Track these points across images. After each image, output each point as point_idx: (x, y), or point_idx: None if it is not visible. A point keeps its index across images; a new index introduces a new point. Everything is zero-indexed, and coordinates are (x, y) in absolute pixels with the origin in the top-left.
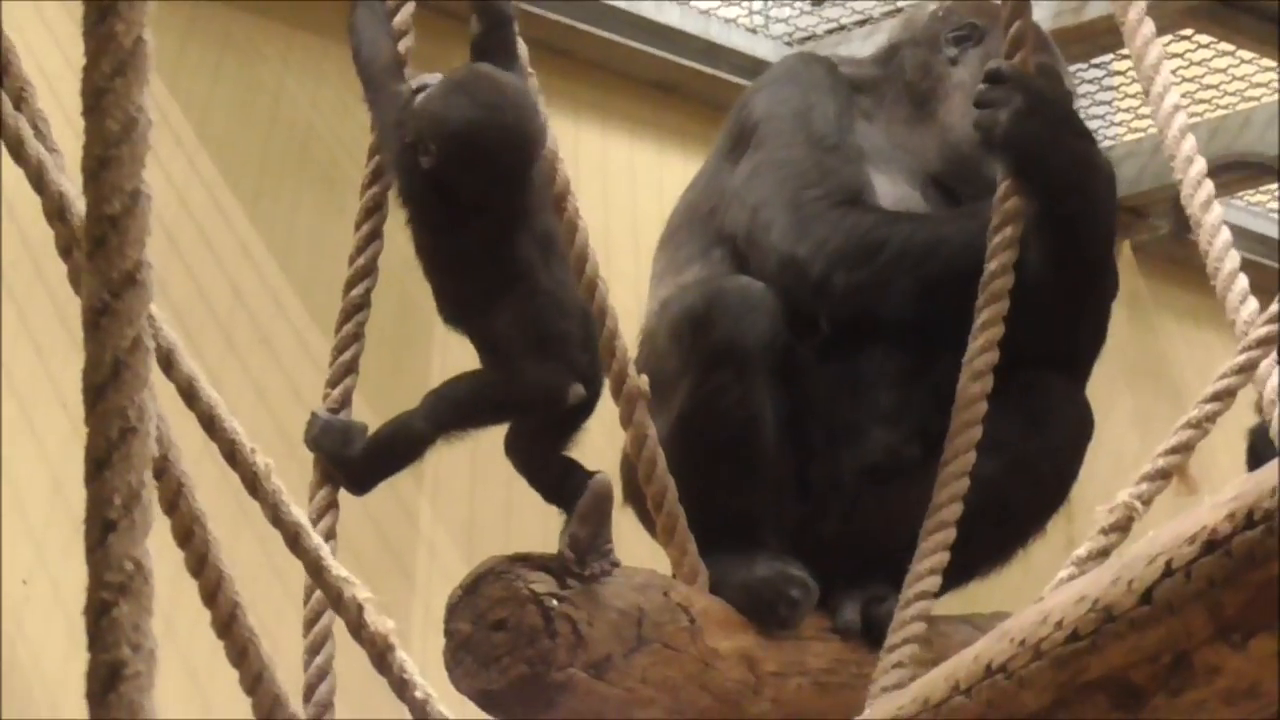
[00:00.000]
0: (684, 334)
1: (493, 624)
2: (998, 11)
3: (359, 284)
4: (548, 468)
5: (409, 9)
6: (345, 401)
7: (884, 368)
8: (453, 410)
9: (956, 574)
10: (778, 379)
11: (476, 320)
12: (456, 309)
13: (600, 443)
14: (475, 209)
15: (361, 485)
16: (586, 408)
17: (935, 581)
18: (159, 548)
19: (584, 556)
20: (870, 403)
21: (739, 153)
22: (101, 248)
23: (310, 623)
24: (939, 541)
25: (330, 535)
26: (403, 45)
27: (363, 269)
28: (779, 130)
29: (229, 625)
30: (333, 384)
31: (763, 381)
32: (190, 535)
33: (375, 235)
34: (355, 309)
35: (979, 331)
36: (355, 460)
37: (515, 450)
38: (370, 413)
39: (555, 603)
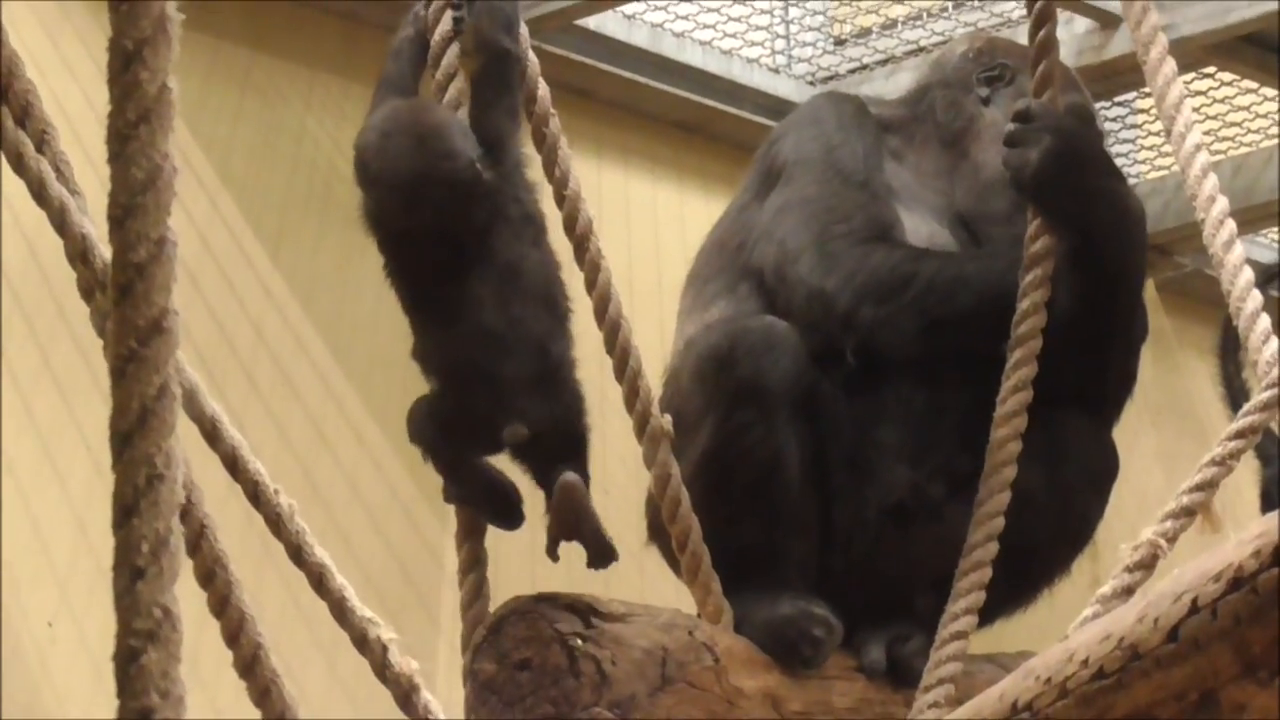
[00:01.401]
0: (707, 373)
1: (517, 664)
2: (1027, 52)
3: None
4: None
5: (453, 51)
6: None
7: (908, 406)
8: (417, 433)
9: (982, 614)
10: (801, 418)
11: (423, 358)
12: (415, 347)
13: (624, 481)
14: (409, 241)
15: (508, 521)
16: (563, 446)
17: (971, 621)
18: (183, 589)
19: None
20: (894, 441)
21: (767, 189)
22: (128, 296)
23: None
24: (975, 581)
25: (479, 592)
26: (454, 89)
27: None
28: (808, 167)
29: (251, 666)
30: None
31: (786, 420)
32: (212, 576)
33: None
34: None
35: (1011, 371)
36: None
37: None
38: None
39: (579, 642)
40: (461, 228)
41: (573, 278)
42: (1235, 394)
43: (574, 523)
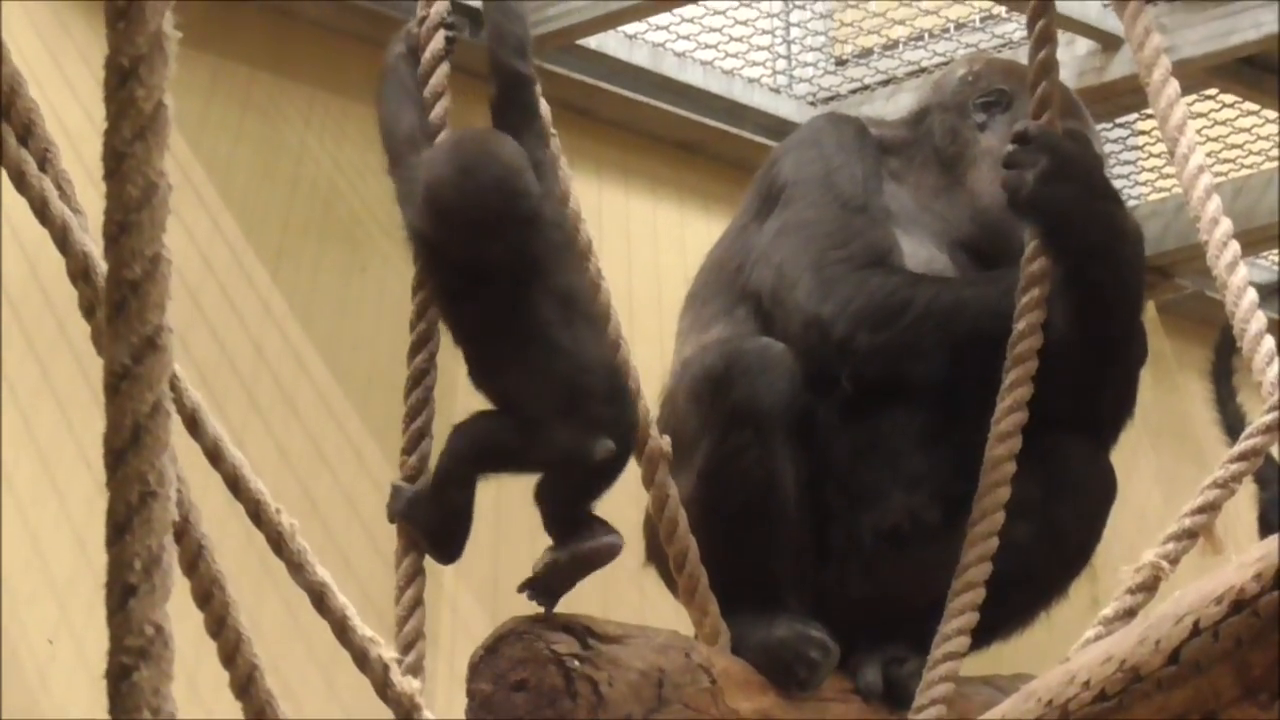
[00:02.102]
0: (703, 394)
1: (514, 684)
2: (1027, 75)
3: (422, 350)
4: (571, 521)
5: (443, 71)
6: (421, 469)
7: (905, 430)
8: (472, 450)
9: (979, 636)
10: (797, 440)
11: (495, 383)
12: (478, 373)
13: (622, 502)
14: (475, 272)
15: (448, 553)
16: (617, 463)
17: (964, 642)
18: (181, 609)
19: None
20: (891, 465)
21: (766, 211)
22: (122, 313)
23: None
24: (967, 602)
25: (417, 603)
26: (440, 107)
27: (424, 334)
28: (806, 190)
29: (247, 687)
30: (407, 452)
31: (782, 442)
32: (209, 597)
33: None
34: (421, 374)
35: (1006, 392)
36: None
37: (542, 498)
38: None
39: (576, 663)
40: (525, 257)
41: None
42: (1230, 417)
43: (576, 574)
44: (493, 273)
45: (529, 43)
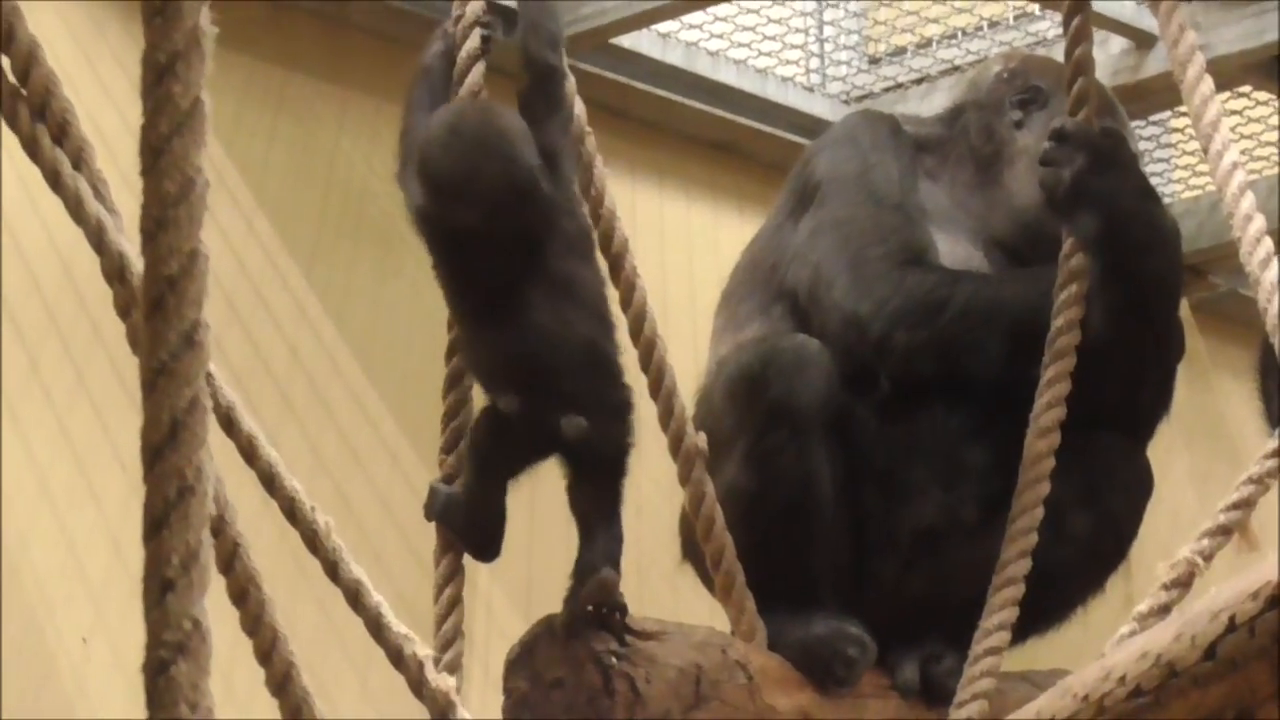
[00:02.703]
0: (739, 393)
1: (551, 682)
2: (1062, 72)
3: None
4: (587, 531)
5: (479, 70)
6: (460, 469)
7: (942, 428)
8: (471, 440)
9: (1016, 632)
10: (835, 438)
11: (471, 356)
12: (465, 355)
13: (657, 500)
14: (466, 244)
15: (485, 552)
16: (606, 447)
17: (1004, 638)
18: (217, 607)
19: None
20: (928, 463)
21: (802, 210)
22: (159, 309)
23: None
24: (1007, 598)
25: (456, 602)
26: None
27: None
28: (842, 189)
29: (283, 685)
30: (446, 451)
31: (818, 441)
32: (245, 595)
33: None
34: (459, 375)
35: (1045, 388)
36: (472, 528)
37: (568, 496)
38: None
39: (614, 661)
40: (516, 234)
41: (609, 296)
42: (1276, 412)
43: (599, 608)
44: (480, 244)
45: (561, 37)
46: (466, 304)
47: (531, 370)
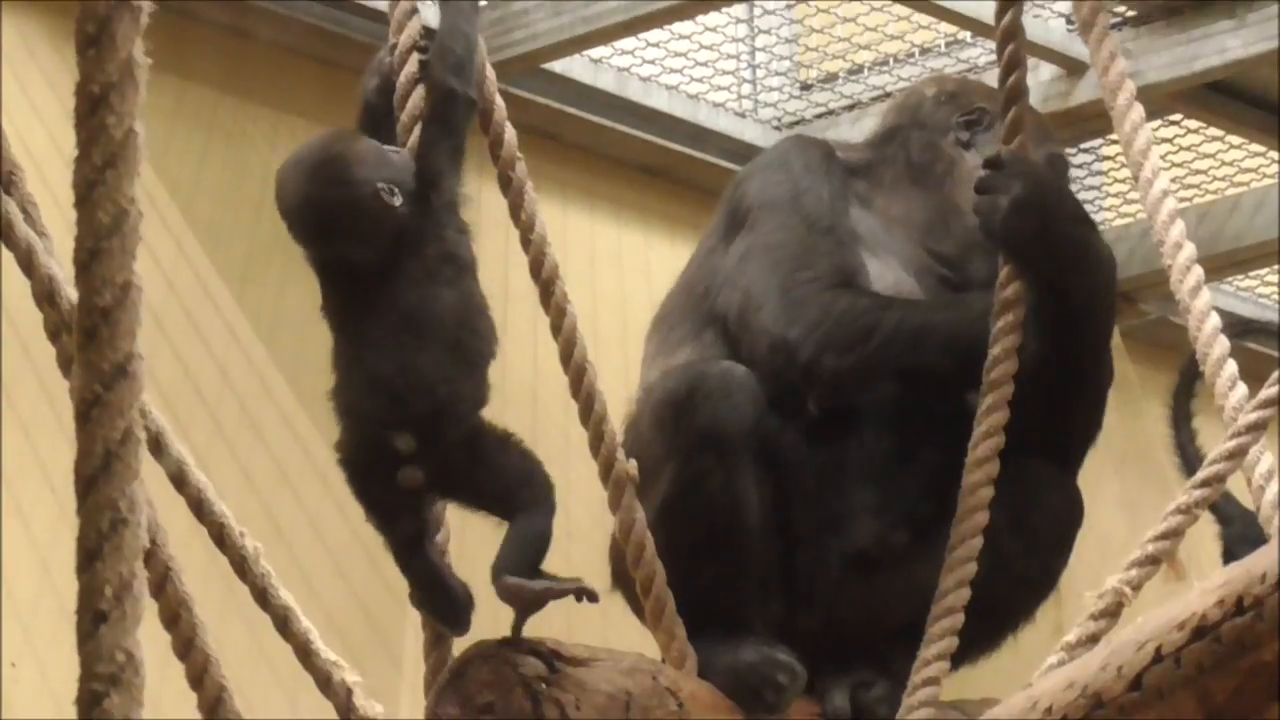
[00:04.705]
0: (666, 419)
1: (480, 708)
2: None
3: None
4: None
5: (419, 94)
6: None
7: (871, 453)
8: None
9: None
10: (763, 463)
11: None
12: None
13: (587, 525)
14: (318, 272)
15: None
16: (434, 462)
17: (943, 667)
18: (147, 630)
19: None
20: (857, 489)
21: (733, 235)
22: (93, 340)
23: None
24: (946, 627)
25: (442, 636)
26: (417, 132)
27: None
28: (773, 213)
29: (215, 708)
30: None
31: (746, 466)
32: (177, 619)
33: None
34: None
35: (983, 417)
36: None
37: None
38: None
39: (543, 686)
40: (363, 260)
41: (538, 321)
42: (1187, 451)
43: (526, 609)
44: (334, 274)
45: (470, 62)
46: (333, 335)
47: (363, 417)
